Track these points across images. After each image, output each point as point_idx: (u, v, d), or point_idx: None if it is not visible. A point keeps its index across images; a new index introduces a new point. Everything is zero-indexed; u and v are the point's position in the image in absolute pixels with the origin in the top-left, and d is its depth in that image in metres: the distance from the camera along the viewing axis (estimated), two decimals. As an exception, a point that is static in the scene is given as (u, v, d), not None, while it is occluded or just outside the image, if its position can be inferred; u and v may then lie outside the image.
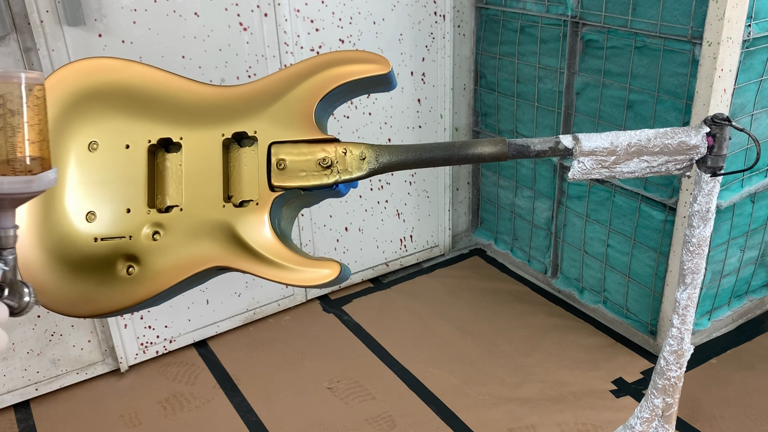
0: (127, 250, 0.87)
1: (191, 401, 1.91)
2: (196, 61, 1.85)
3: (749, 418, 1.76)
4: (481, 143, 0.93)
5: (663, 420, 1.20)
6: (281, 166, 0.88)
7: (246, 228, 0.86)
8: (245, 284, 2.18)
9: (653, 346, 2.02)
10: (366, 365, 2.03)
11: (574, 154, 0.96)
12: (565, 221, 2.23)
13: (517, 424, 1.78)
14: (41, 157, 0.70)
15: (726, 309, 2.08)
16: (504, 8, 2.20)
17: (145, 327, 2.03)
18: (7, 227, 0.70)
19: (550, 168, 2.23)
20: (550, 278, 2.35)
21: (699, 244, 1.05)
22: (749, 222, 1.95)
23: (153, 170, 0.89)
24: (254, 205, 0.87)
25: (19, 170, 0.67)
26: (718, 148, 0.96)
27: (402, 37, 2.22)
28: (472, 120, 2.52)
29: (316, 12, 2.01)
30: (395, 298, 2.37)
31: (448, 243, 2.62)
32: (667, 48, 1.72)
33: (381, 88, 0.94)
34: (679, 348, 1.13)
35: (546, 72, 2.11)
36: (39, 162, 0.69)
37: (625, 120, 1.89)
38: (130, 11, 1.72)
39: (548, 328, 2.17)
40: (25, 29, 1.64)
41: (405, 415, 1.83)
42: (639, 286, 2.02)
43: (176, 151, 0.90)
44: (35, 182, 0.68)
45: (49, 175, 0.71)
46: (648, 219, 1.92)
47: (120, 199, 0.88)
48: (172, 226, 0.87)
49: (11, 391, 1.89)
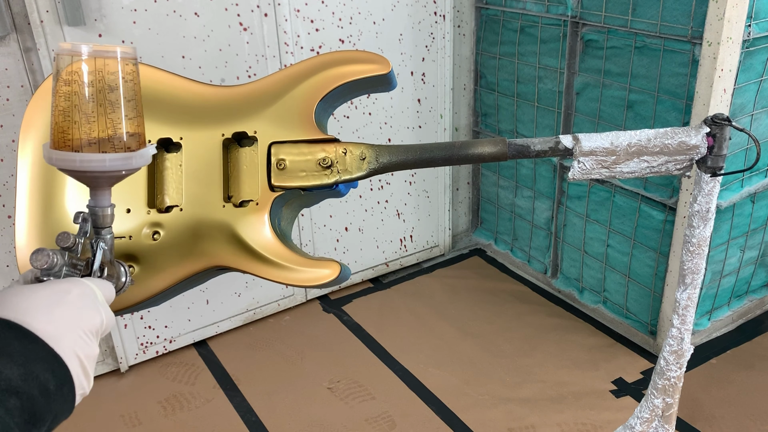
0: (127, 250, 0.86)
1: (191, 401, 1.91)
2: (196, 61, 1.85)
3: (749, 418, 1.76)
4: (481, 143, 0.93)
5: (663, 420, 1.20)
6: (281, 166, 0.88)
7: (246, 228, 0.86)
8: (245, 284, 2.18)
9: (653, 346, 2.02)
10: (366, 365, 2.03)
11: (574, 154, 0.95)
12: (565, 221, 2.23)
13: (517, 424, 1.78)
14: (138, 133, 0.68)
15: (726, 309, 2.08)
16: (504, 8, 2.20)
17: (145, 327, 2.03)
18: (105, 206, 0.69)
19: (550, 168, 2.23)
20: (550, 278, 2.35)
21: (699, 244, 1.05)
22: (749, 222, 1.95)
23: (153, 170, 0.89)
24: (254, 205, 0.87)
25: (119, 147, 0.66)
26: (718, 148, 0.96)
27: (402, 37, 2.22)
28: (472, 120, 2.52)
29: (316, 12, 2.01)
30: (395, 298, 2.37)
31: (448, 243, 2.62)
32: (667, 48, 1.72)
33: (381, 88, 0.94)
34: (679, 348, 1.13)
35: (546, 72, 2.11)
36: (136, 138, 0.68)
37: (625, 120, 1.89)
38: (130, 11, 1.72)
39: (548, 328, 2.17)
40: (25, 29, 1.63)
41: (405, 415, 1.83)
42: (639, 286, 2.02)
43: (176, 151, 0.90)
44: (134, 159, 0.67)
45: (149, 150, 0.70)
46: (648, 219, 1.92)
47: (120, 199, 0.88)
48: (172, 226, 0.87)
49: (11, 391, 1.89)
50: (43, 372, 0.53)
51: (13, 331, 0.54)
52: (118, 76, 0.66)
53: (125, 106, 0.67)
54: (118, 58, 0.66)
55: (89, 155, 0.65)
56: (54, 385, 0.54)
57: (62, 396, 0.55)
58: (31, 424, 0.51)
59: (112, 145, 0.66)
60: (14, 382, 0.51)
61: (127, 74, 0.67)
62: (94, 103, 0.65)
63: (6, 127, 1.68)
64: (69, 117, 0.65)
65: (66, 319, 0.58)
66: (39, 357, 0.54)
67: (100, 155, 0.65)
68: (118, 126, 0.66)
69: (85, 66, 0.65)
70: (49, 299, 0.58)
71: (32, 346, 0.54)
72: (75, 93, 0.65)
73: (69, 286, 0.61)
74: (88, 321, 0.60)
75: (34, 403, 0.52)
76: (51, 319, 0.57)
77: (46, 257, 0.63)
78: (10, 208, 1.76)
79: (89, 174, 0.66)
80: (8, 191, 1.74)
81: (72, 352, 0.57)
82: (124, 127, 0.67)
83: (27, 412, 0.51)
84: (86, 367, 0.58)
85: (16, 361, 0.52)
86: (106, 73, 0.66)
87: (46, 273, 0.63)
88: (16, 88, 1.67)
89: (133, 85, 0.68)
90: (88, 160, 0.65)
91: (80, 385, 0.57)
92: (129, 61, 0.67)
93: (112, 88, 0.66)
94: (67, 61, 0.65)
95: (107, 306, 0.64)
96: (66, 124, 0.65)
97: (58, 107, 0.66)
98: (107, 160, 0.65)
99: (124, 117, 0.67)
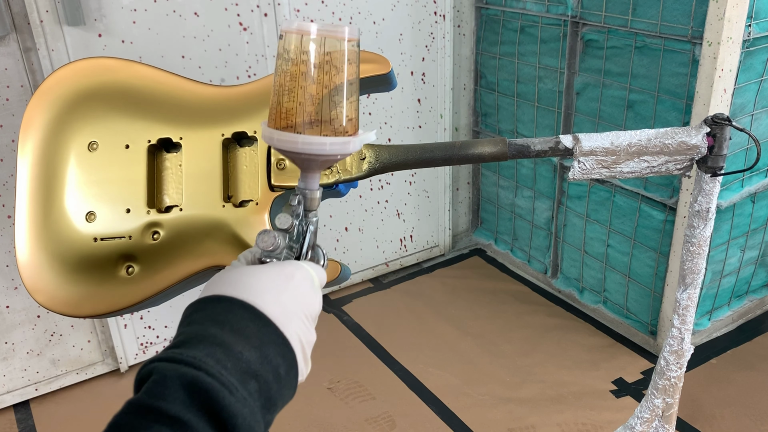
0: (127, 250, 0.86)
1: (191, 401, 1.91)
2: (196, 61, 1.85)
3: (749, 418, 1.76)
4: (481, 143, 0.93)
5: (663, 420, 1.20)
6: (281, 166, 0.88)
7: (246, 228, 0.86)
8: (245, 284, 2.18)
9: (653, 346, 2.02)
10: (366, 365, 2.03)
11: (574, 154, 0.95)
12: (565, 221, 2.22)
13: (517, 424, 1.78)
14: (354, 117, 0.67)
15: (726, 309, 2.08)
16: (504, 8, 2.20)
17: (145, 327, 2.03)
18: (314, 189, 0.68)
19: (550, 168, 2.23)
20: (550, 278, 2.35)
21: (699, 244, 1.05)
22: (749, 222, 1.95)
23: (153, 170, 0.89)
24: (254, 205, 0.87)
25: (339, 131, 0.65)
26: (718, 148, 0.96)
27: (402, 37, 2.22)
28: (472, 120, 2.52)
29: (316, 12, 2.01)
30: (395, 298, 2.37)
31: (448, 243, 2.62)
32: (668, 48, 1.72)
33: (381, 88, 0.94)
34: (679, 348, 1.13)
35: (546, 72, 2.11)
36: (352, 124, 0.66)
37: (625, 120, 1.89)
38: (130, 11, 1.72)
39: (548, 328, 2.17)
40: (25, 29, 1.63)
41: (405, 415, 1.83)
42: (639, 286, 2.02)
43: (176, 151, 0.90)
44: (351, 144, 0.65)
45: (371, 136, 0.68)
46: (648, 219, 1.92)
47: (120, 199, 0.88)
48: (171, 226, 0.87)
49: (11, 391, 1.89)
50: (275, 356, 0.53)
51: (248, 312, 0.54)
52: (344, 57, 0.64)
53: (347, 88, 0.64)
54: (345, 38, 0.64)
55: (311, 138, 0.63)
56: (284, 370, 0.54)
57: (290, 381, 0.55)
58: (266, 409, 0.51)
59: (333, 128, 0.64)
60: (253, 365, 0.51)
61: (351, 55, 0.64)
62: (320, 84, 0.63)
63: (6, 127, 1.68)
64: (294, 97, 0.63)
65: (292, 303, 0.57)
66: (272, 340, 0.54)
67: (321, 138, 0.63)
68: (339, 108, 0.64)
69: (313, 45, 0.63)
70: (276, 282, 0.58)
71: (266, 329, 0.54)
72: (302, 73, 0.63)
73: (292, 269, 0.60)
74: (310, 306, 0.60)
75: (269, 387, 0.52)
76: (280, 301, 0.56)
77: (273, 239, 0.62)
78: (10, 208, 1.76)
79: (305, 156, 0.64)
80: (8, 191, 1.74)
81: (297, 337, 0.56)
82: (344, 110, 0.65)
83: (263, 396, 0.51)
84: (306, 353, 0.58)
85: (252, 344, 0.52)
86: (333, 53, 0.63)
87: (268, 254, 0.63)
88: (16, 88, 1.67)
89: (356, 68, 0.65)
90: (309, 143, 0.63)
91: (301, 371, 0.57)
92: (354, 42, 0.64)
93: (338, 70, 0.64)
94: (295, 41, 0.63)
95: (320, 291, 0.63)
96: (290, 105, 0.63)
97: (284, 86, 0.63)
98: (328, 144, 0.63)
99: (345, 99, 0.65)
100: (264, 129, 0.65)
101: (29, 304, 1.85)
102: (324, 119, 0.64)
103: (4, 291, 1.80)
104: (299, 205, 0.67)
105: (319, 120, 0.64)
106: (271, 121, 0.65)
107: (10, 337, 1.85)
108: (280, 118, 0.64)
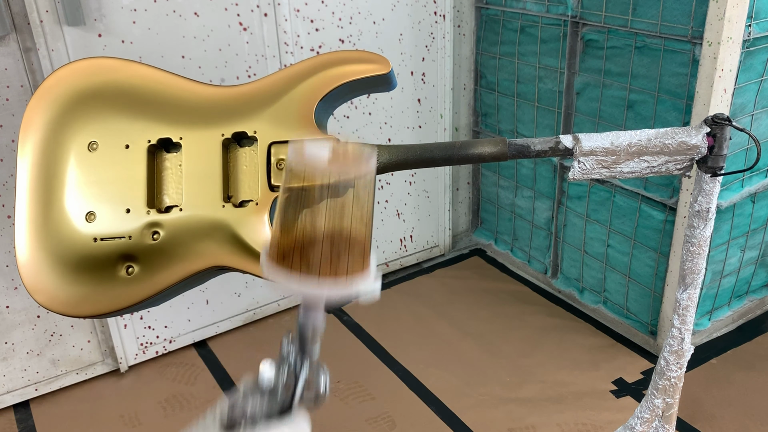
0: (127, 250, 0.86)
1: (191, 401, 1.91)
2: (196, 61, 1.85)
3: (749, 418, 1.76)
4: (481, 143, 0.93)
5: (663, 420, 1.20)
6: (281, 166, 0.88)
7: (246, 228, 0.86)
8: (245, 284, 2.18)
9: (653, 347, 2.02)
10: (366, 365, 2.03)
11: (574, 154, 0.95)
12: (565, 221, 2.22)
13: (517, 424, 1.78)
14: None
15: (726, 309, 2.08)
16: (504, 8, 2.20)
17: (145, 327, 2.03)
18: (320, 325, 0.63)
19: (550, 168, 2.23)
20: (550, 278, 2.35)
21: (699, 244, 1.05)
22: (749, 222, 1.95)
23: (153, 170, 0.89)
24: (254, 205, 0.87)
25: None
26: (718, 148, 0.96)
27: (402, 37, 2.22)
28: (472, 120, 2.52)
29: (316, 12, 2.01)
30: (395, 298, 2.37)
31: (448, 243, 2.62)
32: (668, 48, 1.72)
33: (381, 88, 0.94)
34: (679, 348, 1.13)
35: (546, 72, 2.11)
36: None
37: (625, 120, 1.89)
38: (130, 11, 1.72)
39: (548, 328, 2.17)
40: (25, 29, 1.63)
41: (405, 415, 1.83)
42: (639, 286, 2.02)
43: (176, 151, 0.90)
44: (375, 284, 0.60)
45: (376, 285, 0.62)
46: (648, 219, 1.92)
47: (120, 199, 0.88)
48: (171, 226, 0.87)
49: (11, 391, 1.89)
50: None
51: None
52: (370, 190, 0.57)
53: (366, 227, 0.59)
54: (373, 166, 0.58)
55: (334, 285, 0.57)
56: None
57: None
58: None
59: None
60: None
61: (370, 184, 0.57)
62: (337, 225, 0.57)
63: (6, 127, 1.68)
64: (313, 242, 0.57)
65: None
66: None
67: (345, 284, 0.58)
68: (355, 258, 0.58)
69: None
70: None
71: None
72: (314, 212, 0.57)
73: None
74: None
75: None
76: None
77: (241, 409, 0.60)
78: (10, 208, 1.76)
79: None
80: (8, 191, 1.74)
81: None
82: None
83: None
84: None
85: None
86: (363, 183, 0.56)
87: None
88: (16, 88, 1.67)
89: (372, 193, 0.57)
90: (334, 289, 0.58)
91: None
92: (368, 172, 0.57)
93: (360, 202, 0.57)
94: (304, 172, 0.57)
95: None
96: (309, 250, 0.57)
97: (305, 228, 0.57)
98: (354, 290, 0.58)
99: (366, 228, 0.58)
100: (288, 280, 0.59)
101: (29, 304, 1.85)
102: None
103: (4, 291, 1.80)
104: (293, 343, 0.62)
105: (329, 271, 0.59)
106: (283, 262, 0.58)
107: (10, 337, 1.85)
108: (293, 259, 0.58)
